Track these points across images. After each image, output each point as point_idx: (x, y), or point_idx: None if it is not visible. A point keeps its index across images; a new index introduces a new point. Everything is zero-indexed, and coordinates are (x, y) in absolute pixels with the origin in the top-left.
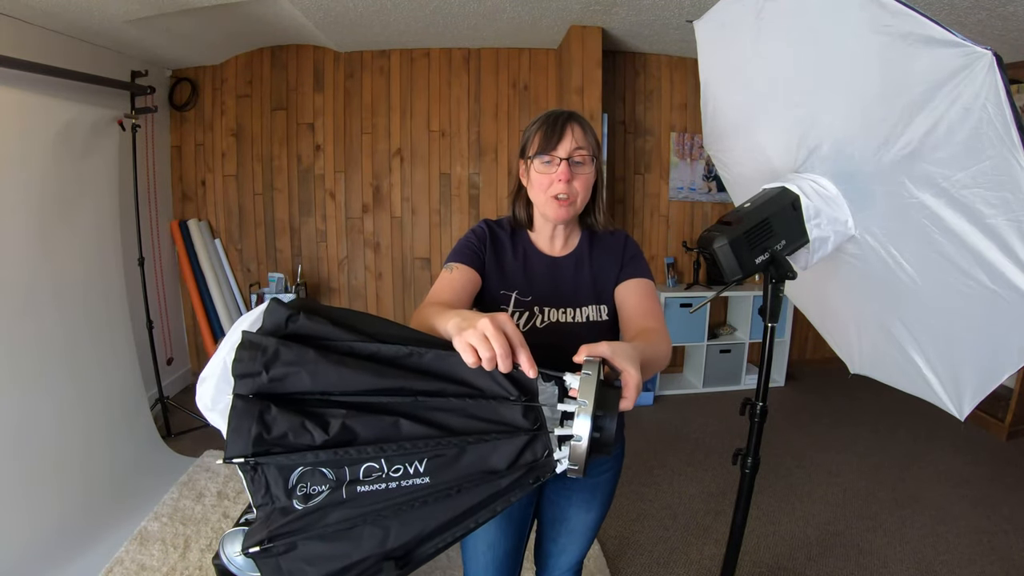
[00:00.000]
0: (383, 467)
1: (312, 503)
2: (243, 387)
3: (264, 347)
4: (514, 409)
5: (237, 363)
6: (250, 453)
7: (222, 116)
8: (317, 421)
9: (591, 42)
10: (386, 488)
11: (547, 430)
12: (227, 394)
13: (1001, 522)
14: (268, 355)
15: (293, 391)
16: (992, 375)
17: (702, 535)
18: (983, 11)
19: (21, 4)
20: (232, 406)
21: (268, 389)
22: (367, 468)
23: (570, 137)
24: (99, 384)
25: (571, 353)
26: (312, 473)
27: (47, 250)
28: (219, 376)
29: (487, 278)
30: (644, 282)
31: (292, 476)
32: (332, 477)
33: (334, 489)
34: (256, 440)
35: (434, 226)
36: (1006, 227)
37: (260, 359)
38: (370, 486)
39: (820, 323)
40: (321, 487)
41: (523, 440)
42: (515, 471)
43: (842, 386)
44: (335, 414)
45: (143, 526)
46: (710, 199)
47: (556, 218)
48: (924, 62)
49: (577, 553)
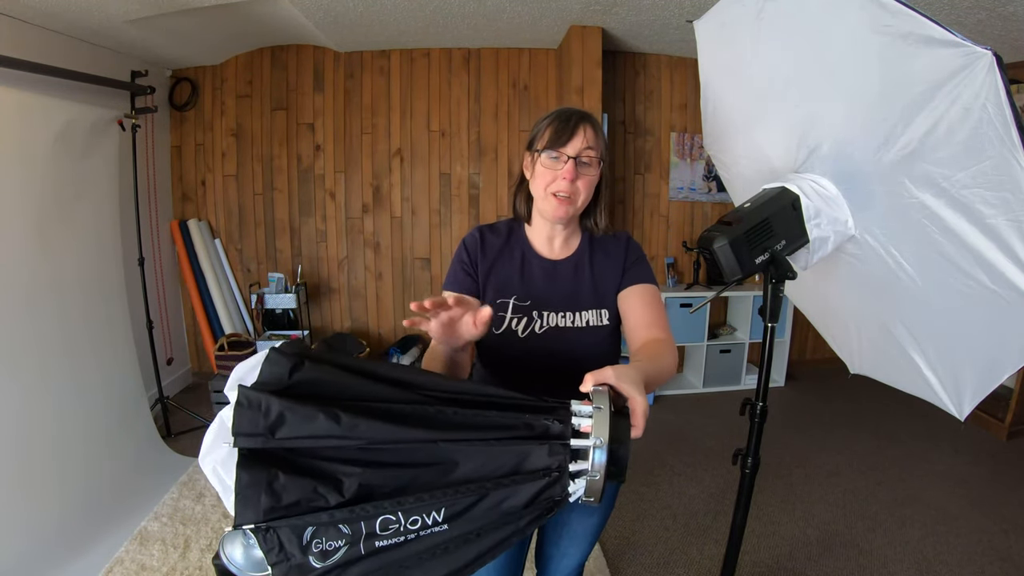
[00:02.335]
0: (400, 520)
1: (331, 561)
2: (245, 443)
3: (267, 410)
4: (541, 450)
5: (237, 423)
6: (261, 521)
7: (222, 116)
8: (330, 483)
9: (591, 42)
10: (405, 540)
11: (567, 470)
12: (224, 443)
13: (1001, 522)
14: (271, 419)
15: (302, 448)
16: (992, 375)
17: (702, 535)
18: (983, 11)
19: (21, 4)
20: (237, 476)
21: (274, 446)
22: (384, 521)
23: (581, 136)
24: (99, 384)
25: (571, 360)
26: (326, 529)
27: (47, 250)
28: (218, 427)
29: (484, 289)
30: (648, 288)
31: (305, 534)
32: (348, 532)
33: (352, 544)
34: (267, 511)
35: (434, 226)
36: (1006, 227)
37: (263, 422)
38: (389, 539)
39: (820, 323)
40: (337, 542)
41: (544, 482)
42: (533, 510)
43: (842, 386)
44: (349, 473)
45: (143, 526)
46: (710, 199)
47: (553, 216)
48: (924, 62)
49: (579, 557)
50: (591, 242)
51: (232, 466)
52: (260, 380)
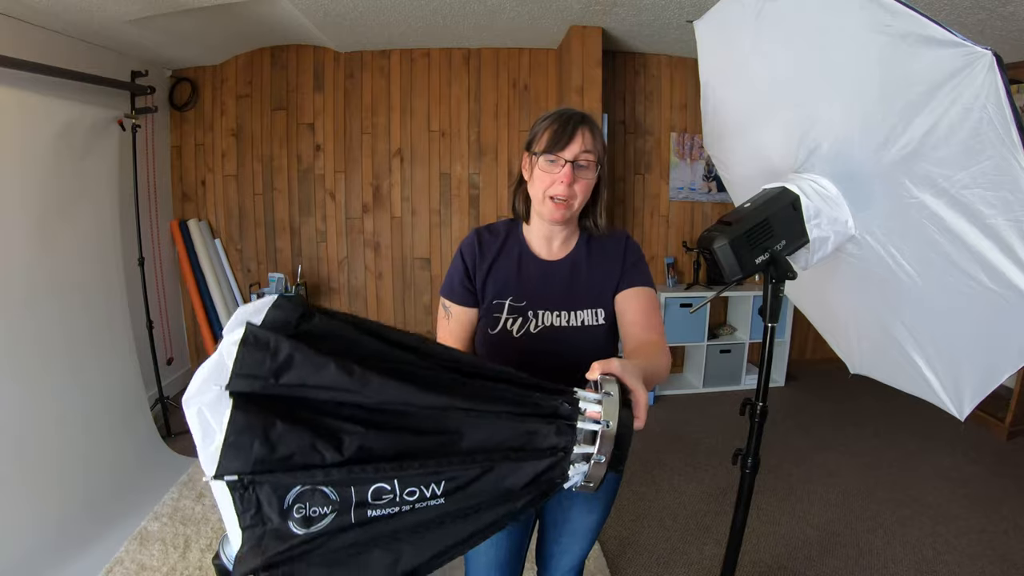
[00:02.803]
0: (396, 490)
1: (315, 528)
2: (242, 385)
3: (275, 350)
4: (549, 429)
5: (240, 361)
6: (247, 472)
7: (222, 116)
8: (330, 439)
9: (591, 42)
10: (399, 512)
11: (572, 452)
12: (215, 386)
13: (1001, 522)
14: (279, 361)
15: (304, 398)
16: (992, 375)
17: (702, 535)
18: (983, 11)
19: (21, 4)
20: (231, 419)
21: (275, 391)
22: (377, 489)
23: (579, 140)
24: (99, 384)
25: (566, 359)
26: (312, 493)
27: (47, 250)
28: (211, 367)
29: (482, 291)
30: (645, 291)
31: (289, 496)
32: (336, 498)
33: (340, 513)
34: (258, 461)
35: (434, 226)
36: (1006, 227)
37: (268, 364)
38: (382, 510)
39: (820, 323)
40: (323, 509)
41: (548, 461)
42: (531, 490)
43: (842, 386)
44: (351, 431)
45: (143, 526)
46: (710, 199)
47: (551, 218)
48: (924, 62)
49: (579, 553)
50: (589, 241)
51: (221, 410)
52: (264, 324)
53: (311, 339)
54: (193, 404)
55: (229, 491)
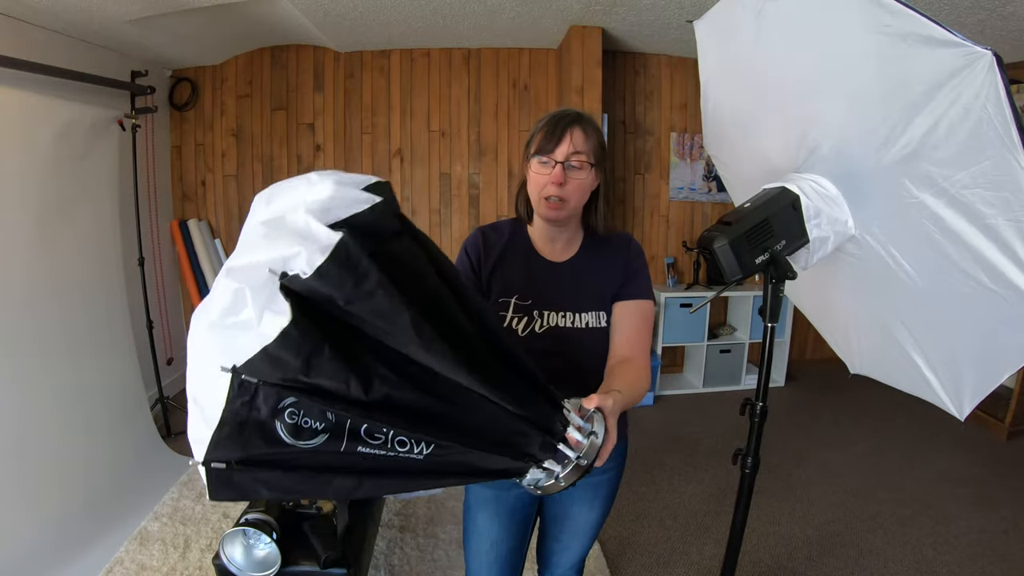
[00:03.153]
0: (387, 437)
1: (303, 443)
2: (309, 289)
3: (360, 278)
4: (536, 439)
5: (324, 272)
6: (273, 384)
7: (222, 116)
8: (362, 379)
9: (591, 42)
10: (384, 455)
11: (542, 464)
12: (269, 271)
13: (1001, 522)
14: (361, 290)
15: (360, 329)
16: (992, 375)
17: (702, 535)
18: (983, 11)
19: (21, 4)
20: (284, 331)
21: (335, 314)
22: (370, 428)
23: (568, 141)
24: (99, 384)
25: (569, 360)
26: (311, 407)
27: (47, 250)
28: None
29: (488, 289)
30: (642, 306)
31: (286, 399)
32: (331, 418)
33: (333, 437)
34: (288, 379)
35: (434, 226)
36: (1006, 227)
37: (348, 286)
38: (371, 449)
39: (820, 323)
40: (317, 424)
41: (520, 464)
42: (494, 475)
43: (842, 386)
44: (385, 377)
45: (143, 526)
46: (710, 199)
47: (546, 218)
48: (924, 62)
49: (579, 551)
50: (593, 243)
51: (266, 296)
52: (356, 220)
53: (390, 262)
54: (237, 277)
55: (230, 377)
